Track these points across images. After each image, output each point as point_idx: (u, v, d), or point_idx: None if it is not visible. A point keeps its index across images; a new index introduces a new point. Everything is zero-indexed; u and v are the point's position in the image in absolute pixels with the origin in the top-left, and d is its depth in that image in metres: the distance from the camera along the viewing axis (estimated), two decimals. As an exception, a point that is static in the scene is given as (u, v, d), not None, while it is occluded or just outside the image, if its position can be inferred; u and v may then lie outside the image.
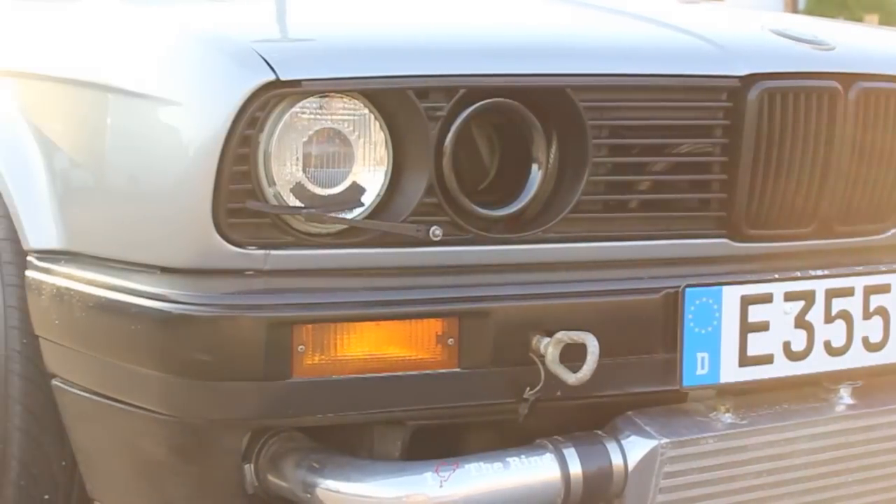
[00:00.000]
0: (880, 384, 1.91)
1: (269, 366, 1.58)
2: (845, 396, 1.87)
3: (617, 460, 1.71)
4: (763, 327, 1.78)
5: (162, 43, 1.75)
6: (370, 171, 1.64)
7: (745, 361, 1.77)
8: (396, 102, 1.63)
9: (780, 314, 1.79)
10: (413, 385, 1.63)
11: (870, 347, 1.87)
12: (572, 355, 1.66)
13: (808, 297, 1.81)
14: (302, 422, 1.67)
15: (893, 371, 1.90)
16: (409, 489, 1.63)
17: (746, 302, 1.77)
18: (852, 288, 1.85)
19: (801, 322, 1.81)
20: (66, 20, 2.05)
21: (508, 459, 1.67)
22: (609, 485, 1.71)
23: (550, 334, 1.67)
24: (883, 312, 1.87)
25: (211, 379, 1.60)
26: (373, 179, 1.64)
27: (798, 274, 1.82)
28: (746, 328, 1.77)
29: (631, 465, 1.70)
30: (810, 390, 1.87)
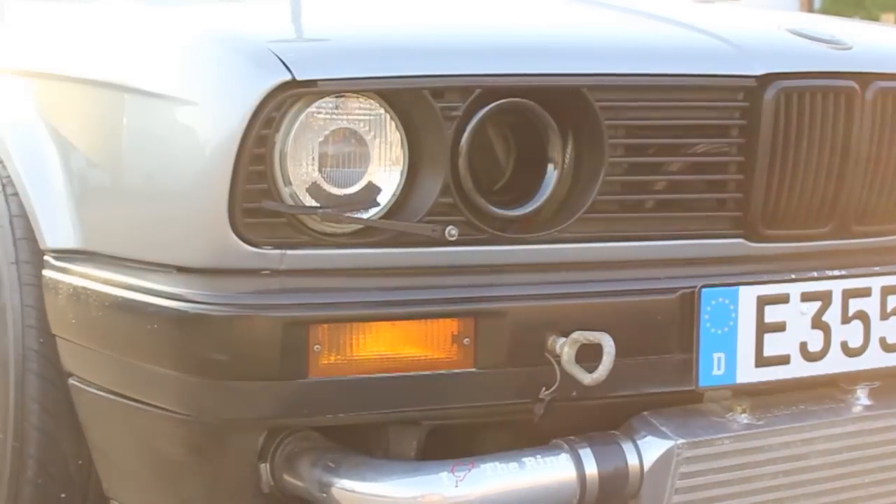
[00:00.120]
0: (897, 385, 1.90)
1: (285, 365, 1.59)
2: (862, 397, 1.86)
3: (633, 461, 1.70)
4: (779, 328, 1.77)
5: (178, 43, 1.75)
6: (386, 171, 1.64)
7: (762, 362, 1.77)
8: (412, 102, 1.63)
9: (797, 314, 1.79)
10: (429, 385, 1.63)
11: (887, 348, 1.86)
12: (588, 355, 1.66)
13: (825, 298, 1.81)
14: (317, 421, 1.67)
15: (911, 372, 1.90)
16: (425, 489, 1.63)
17: (763, 302, 1.76)
18: (869, 288, 1.84)
19: (818, 322, 1.80)
20: (83, 20, 2.06)
21: (524, 459, 1.67)
22: (625, 485, 1.70)
23: (566, 334, 1.66)
24: (900, 313, 1.87)
25: (227, 378, 1.60)
26: (388, 179, 1.64)
27: (815, 274, 1.82)
28: (763, 328, 1.77)
29: (647, 466, 1.70)
30: (827, 391, 1.86)
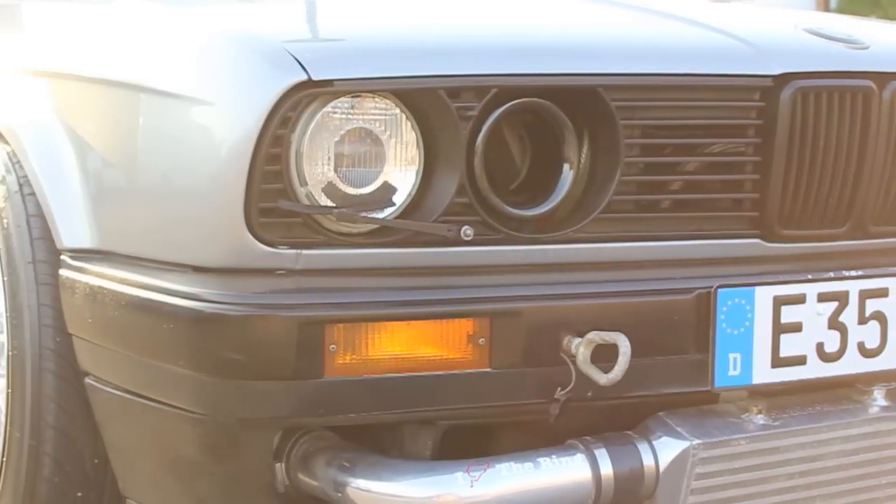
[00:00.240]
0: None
1: (301, 365, 1.59)
2: (879, 398, 1.86)
3: (648, 461, 1.70)
4: (796, 328, 1.77)
5: (194, 43, 1.75)
6: (401, 171, 1.64)
7: (778, 362, 1.76)
8: (428, 102, 1.63)
9: (814, 315, 1.78)
10: (444, 385, 1.63)
11: (904, 349, 1.86)
12: (604, 356, 1.65)
13: (842, 298, 1.80)
14: (333, 421, 1.67)
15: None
16: (440, 489, 1.63)
17: (779, 302, 1.76)
18: (886, 289, 1.83)
19: (835, 323, 1.80)
20: (100, 20, 2.06)
21: (539, 460, 1.67)
22: (640, 486, 1.70)
23: (582, 334, 1.66)
24: (918, 314, 1.86)
25: (242, 378, 1.60)
26: (404, 179, 1.64)
27: (831, 274, 1.81)
28: (779, 329, 1.76)
29: (662, 466, 1.70)
30: (843, 392, 1.86)
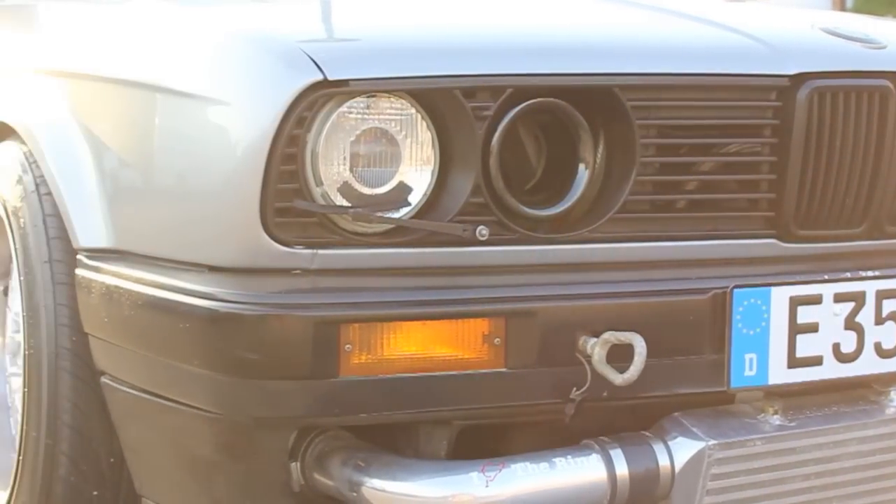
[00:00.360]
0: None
1: (316, 365, 1.59)
2: (895, 399, 1.85)
3: (664, 461, 1.70)
4: (812, 328, 1.76)
5: (210, 43, 1.76)
6: (417, 171, 1.64)
7: (794, 363, 1.76)
8: (443, 102, 1.63)
9: (830, 315, 1.77)
10: (459, 385, 1.63)
11: (921, 350, 1.85)
12: (619, 356, 1.65)
13: (859, 299, 1.79)
14: (348, 421, 1.67)
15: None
16: (455, 489, 1.63)
17: (795, 303, 1.75)
18: (903, 289, 1.83)
19: (851, 323, 1.79)
20: (116, 21, 2.07)
21: (554, 460, 1.67)
22: (656, 486, 1.70)
23: (597, 334, 1.66)
24: (935, 314, 1.85)
25: (258, 377, 1.61)
26: (419, 179, 1.64)
27: (848, 275, 1.81)
28: (795, 329, 1.76)
29: (678, 467, 1.69)
30: (860, 392, 1.85)
